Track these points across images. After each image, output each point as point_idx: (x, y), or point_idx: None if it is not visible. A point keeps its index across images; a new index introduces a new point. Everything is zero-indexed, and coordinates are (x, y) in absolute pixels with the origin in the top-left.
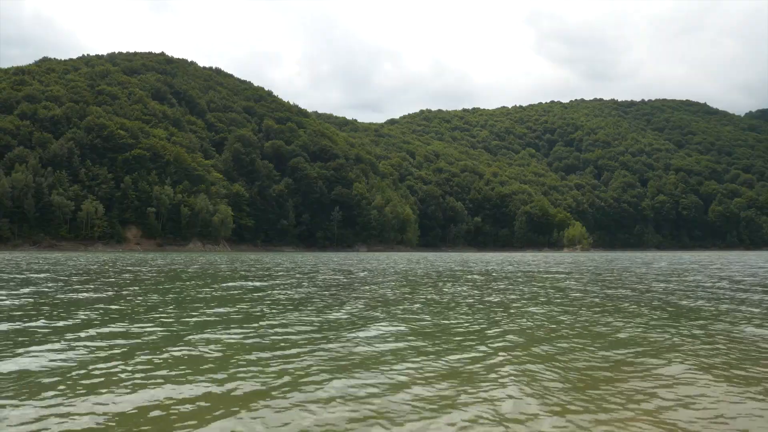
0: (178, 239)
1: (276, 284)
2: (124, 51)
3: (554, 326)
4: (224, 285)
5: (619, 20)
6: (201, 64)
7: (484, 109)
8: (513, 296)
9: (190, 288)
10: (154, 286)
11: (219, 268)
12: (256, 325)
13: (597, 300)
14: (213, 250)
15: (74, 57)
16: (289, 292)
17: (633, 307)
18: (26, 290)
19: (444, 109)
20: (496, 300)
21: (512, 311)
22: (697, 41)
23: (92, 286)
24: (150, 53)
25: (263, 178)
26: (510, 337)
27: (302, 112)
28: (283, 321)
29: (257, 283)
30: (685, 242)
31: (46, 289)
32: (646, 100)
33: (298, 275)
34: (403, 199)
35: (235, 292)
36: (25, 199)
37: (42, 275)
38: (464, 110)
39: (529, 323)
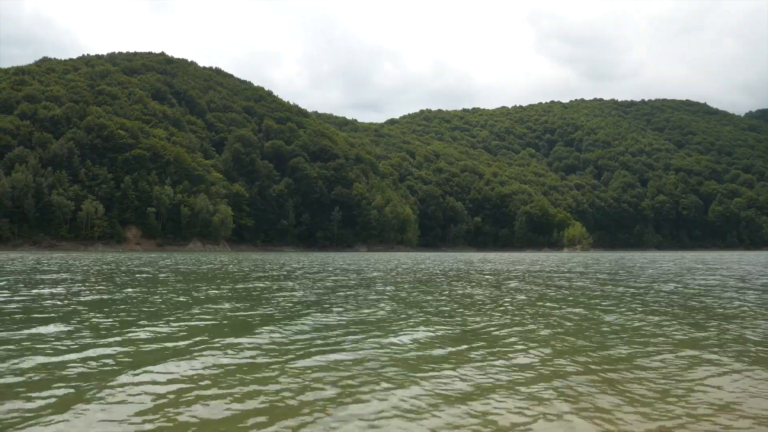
0: (178, 239)
1: (345, 283)
2: (124, 51)
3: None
4: (293, 284)
5: (619, 20)
6: (201, 64)
7: (484, 109)
8: (599, 297)
9: (265, 289)
10: (221, 285)
11: (253, 267)
12: (397, 329)
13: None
14: (213, 250)
15: (74, 57)
16: (374, 288)
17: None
18: (93, 291)
19: (444, 109)
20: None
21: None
22: (697, 41)
23: (158, 289)
24: (150, 53)
25: (263, 178)
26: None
27: (302, 112)
28: (425, 327)
29: (332, 282)
30: (685, 242)
31: (110, 290)
32: (646, 100)
33: (347, 273)
34: (403, 199)
35: (314, 293)
36: (25, 199)
37: (76, 275)
38: (464, 110)
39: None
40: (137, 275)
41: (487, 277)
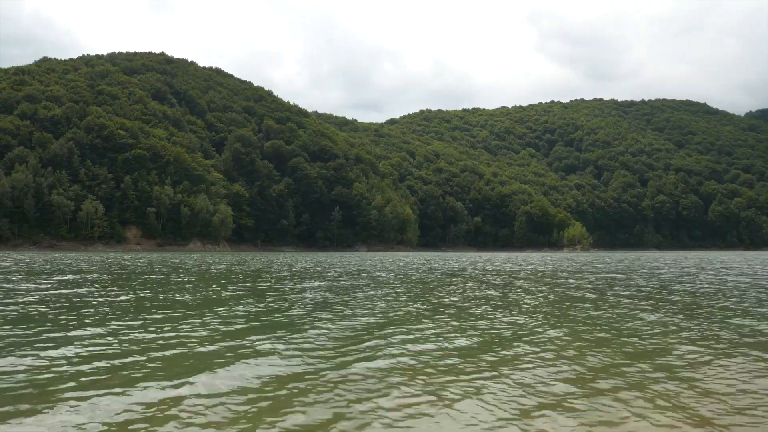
0: (178, 239)
1: (410, 284)
2: (124, 51)
3: None
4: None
5: (619, 20)
6: (201, 64)
7: (484, 109)
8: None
9: (346, 288)
10: (287, 286)
11: (284, 267)
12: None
13: None
14: (213, 250)
15: (74, 57)
16: (461, 287)
17: None
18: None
19: (444, 109)
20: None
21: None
22: (697, 41)
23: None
24: (150, 53)
25: (263, 178)
26: None
27: (302, 112)
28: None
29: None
30: (685, 242)
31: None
32: (646, 100)
33: (390, 272)
34: (403, 199)
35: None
36: (25, 199)
37: (106, 276)
38: (464, 110)
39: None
40: (177, 276)
41: (539, 276)
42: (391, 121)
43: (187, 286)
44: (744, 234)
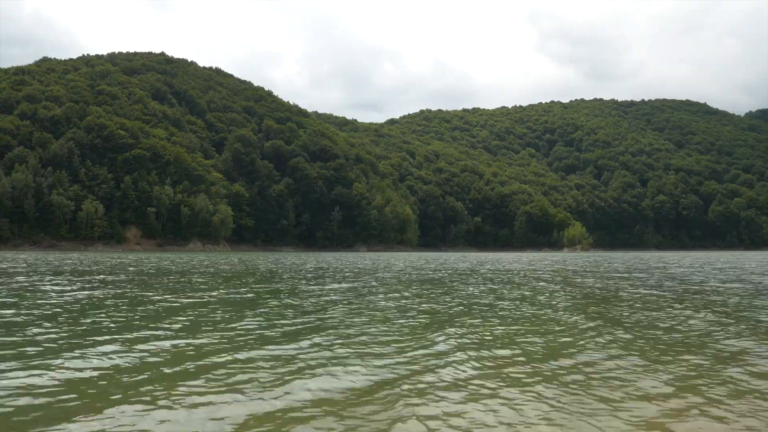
0: (178, 239)
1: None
2: (124, 51)
3: None
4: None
5: (619, 20)
6: (201, 64)
7: (484, 109)
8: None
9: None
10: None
11: (319, 267)
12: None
13: None
14: (213, 250)
15: (74, 57)
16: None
17: None
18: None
19: (444, 109)
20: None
21: None
22: (697, 41)
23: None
24: (150, 53)
25: (263, 178)
26: None
27: (302, 112)
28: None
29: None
30: (685, 242)
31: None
32: (646, 100)
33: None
34: (403, 199)
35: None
36: (25, 199)
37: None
38: (464, 110)
39: None
40: (213, 275)
41: (602, 276)
42: (391, 121)
43: (279, 285)
44: (744, 234)
